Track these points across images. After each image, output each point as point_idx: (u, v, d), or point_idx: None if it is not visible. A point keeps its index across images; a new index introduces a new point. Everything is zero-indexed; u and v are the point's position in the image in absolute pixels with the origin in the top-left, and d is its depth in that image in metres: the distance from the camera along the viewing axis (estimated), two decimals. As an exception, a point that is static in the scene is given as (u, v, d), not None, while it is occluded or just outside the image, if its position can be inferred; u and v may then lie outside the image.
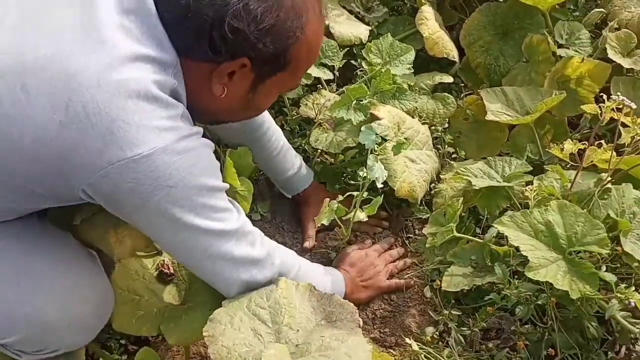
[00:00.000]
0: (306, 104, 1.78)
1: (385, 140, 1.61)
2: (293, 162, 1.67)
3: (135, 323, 1.19)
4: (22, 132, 0.92)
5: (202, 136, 1.07)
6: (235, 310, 1.11)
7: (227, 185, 1.13)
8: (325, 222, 1.54)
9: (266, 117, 1.60)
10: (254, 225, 1.20)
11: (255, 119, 1.55)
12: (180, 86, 1.03)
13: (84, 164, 0.94)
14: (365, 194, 1.50)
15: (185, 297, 1.27)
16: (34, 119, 0.92)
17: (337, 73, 1.86)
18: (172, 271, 1.28)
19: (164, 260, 1.27)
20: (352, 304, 1.17)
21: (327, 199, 1.55)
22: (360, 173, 1.46)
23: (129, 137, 0.92)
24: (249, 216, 1.24)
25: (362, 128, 1.52)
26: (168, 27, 0.99)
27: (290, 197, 1.73)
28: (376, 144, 1.50)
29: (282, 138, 1.66)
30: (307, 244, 1.66)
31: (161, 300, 1.25)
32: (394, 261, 1.62)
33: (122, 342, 1.46)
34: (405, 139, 1.69)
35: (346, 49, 1.92)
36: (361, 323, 1.15)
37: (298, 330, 1.10)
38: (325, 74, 1.82)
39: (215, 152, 1.11)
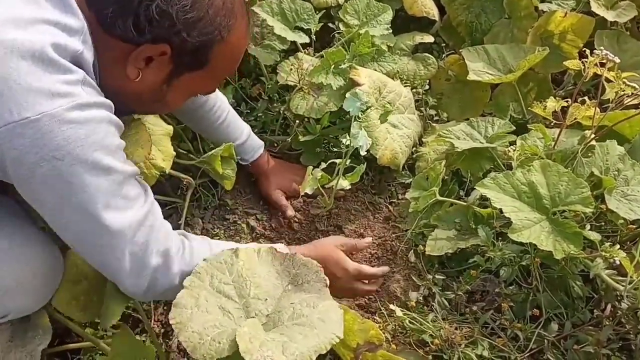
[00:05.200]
0: (283, 70, 1.73)
1: (369, 107, 1.57)
2: (240, 132, 1.61)
3: (73, 305, 1.16)
4: None
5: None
6: (199, 290, 1.05)
7: (134, 170, 1.05)
8: (308, 190, 1.51)
9: None
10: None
11: None
12: (87, 54, 0.98)
13: None
14: (347, 162, 1.47)
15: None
16: None
17: (313, 37, 1.80)
18: None
19: None
20: (315, 262, 1.13)
21: (310, 167, 1.52)
22: (344, 141, 1.42)
23: (18, 98, 0.88)
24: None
25: (347, 95, 1.48)
26: None
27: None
28: (361, 111, 1.46)
29: (227, 107, 1.59)
30: (290, 213, 1.63)
31: (102, 288, 1.18)
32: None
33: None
34: (388, 103, 1.65)
35: (322, 11, 1.85)
36: (328, 282, 1.13)
37: (266, 299, 1.06)
38: (301, 38, 1.76)
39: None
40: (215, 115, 1.55)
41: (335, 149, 1.71)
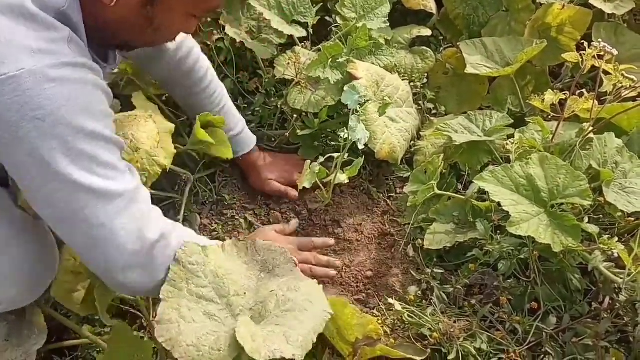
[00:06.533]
0: (281, 64, 1.72)
1: (367, 100, 1.57)
2: (236, 123, 1.61)
3: (73, 297, 1.14)
4: None
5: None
6: (178, 299, 1.00)
7: (119, 140, 0.99)
8: (306, 184, 1.51)
9: (209, 73, 1.55)
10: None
11: (195, 74, 1.50)
12: (71, 9, 0.93)
13: None
14: (345, 156, 1.47)
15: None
16: None
17: (311, 30, 1.79)
18: None
19: None
20: (277, 244, 1.12)
21: (309, 161, 1.52)
22: (342, 134, 1.42)
23: None
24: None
25: (345, 88, 1.48)
26: None
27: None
28: (358, 104, 1.46)
29: (226, 97, 1.59)
30: (292, 194, 1.63)
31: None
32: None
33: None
34: (386, 96, 1.64)
35: (320, 5, 1.85)
36: (296, 260, 1.12)
37: (245, 293, 1.04)
38: (298, 32, 1.75)
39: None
40: (214, 102, 1.55)
41: (333, 143, 1.71)
